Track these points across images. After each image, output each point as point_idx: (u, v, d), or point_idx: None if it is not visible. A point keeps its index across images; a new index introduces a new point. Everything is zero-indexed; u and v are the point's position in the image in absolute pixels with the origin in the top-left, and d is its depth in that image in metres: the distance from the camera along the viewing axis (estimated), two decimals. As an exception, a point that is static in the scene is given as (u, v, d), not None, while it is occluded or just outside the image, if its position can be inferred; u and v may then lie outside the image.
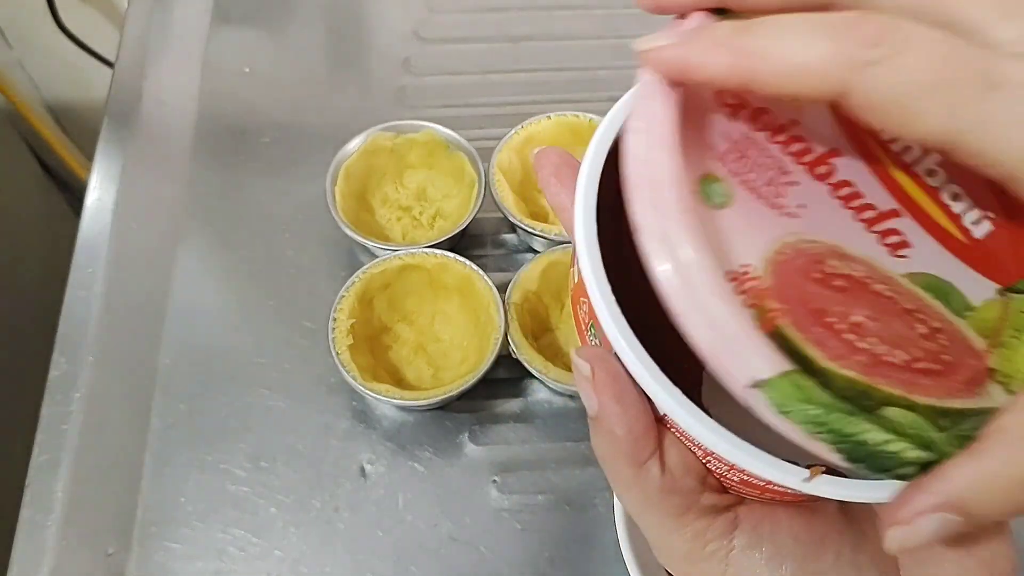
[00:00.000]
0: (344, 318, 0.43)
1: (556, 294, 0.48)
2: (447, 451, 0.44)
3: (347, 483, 0.43)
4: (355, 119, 0.53)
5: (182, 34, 0.61)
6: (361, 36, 0.63)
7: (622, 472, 0.19)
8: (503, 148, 0.50)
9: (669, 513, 0.19)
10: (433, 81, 0.59)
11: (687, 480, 0.19)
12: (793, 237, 0.19)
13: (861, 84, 0.15)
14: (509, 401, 0.46)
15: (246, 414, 0.45)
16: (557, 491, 0.43)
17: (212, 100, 0.58)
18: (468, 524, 0.42)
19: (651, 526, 0.20)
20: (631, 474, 0.19)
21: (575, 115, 0.51)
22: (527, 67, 0.60)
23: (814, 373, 0.17)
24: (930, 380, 0.18)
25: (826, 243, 0.19)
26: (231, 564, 0.41)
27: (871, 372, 0.17)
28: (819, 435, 0.16)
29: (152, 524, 0.42)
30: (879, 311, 0.18)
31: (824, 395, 0.16)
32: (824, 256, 0.19)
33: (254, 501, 0.42)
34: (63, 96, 0.95)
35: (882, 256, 0.20)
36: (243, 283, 0.50)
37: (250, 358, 0.47)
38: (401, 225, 0.51)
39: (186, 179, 0.54)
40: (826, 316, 0.18)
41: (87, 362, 0.46)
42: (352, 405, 0.45)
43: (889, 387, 0.17)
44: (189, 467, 0.43)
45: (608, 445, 0.19)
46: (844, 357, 0.17)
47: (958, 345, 0.19)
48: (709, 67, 0.16)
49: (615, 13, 0.64)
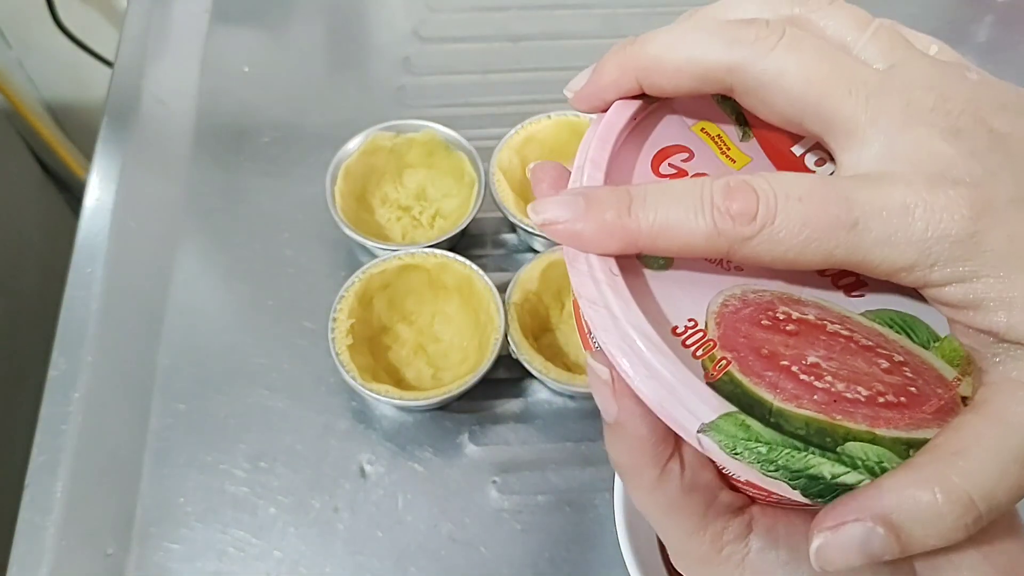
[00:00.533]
0: (344, 318, 0.43)
1: (556, 294, 0.48)
2: (447, 451, 0.44)
3: (347, 483, 0.43)
4: (355, 118, 0.53)
5: (181, 34, 0.61)
6: (361, 35, 0.62)
7: (646, 475, 0.19)
8: (503, 148, 0.50)
9: (692, 512, 0.19)
10: (433, 80, 0.59)
11: (705, 474, 0.20)
12: (739, 289, 0.20)
13: (741, 252, 0.17)
14: (509, 401, 0.46)
15: (245, 414, 0.45)
16: (557, 491, 0.43)
17: (211, 99, 0.58)
18: (468, 524, 0.42)
19: (672, 528, 0.20)
20: (655, 476, 0.19)
21: (575, 114, 0.51)
22: (527, 66, 0.60)
23: (770, 415, 0.17)
24: (895, 413, 0.18)
25: (774, 291, 0.20)
26: (230, 564, 0.41)
27: (829, 410, 0.18)
28: (774, 473, 0.17)
29: (151, 524, 0.42)
30: (836, 351, 0.19)
31: (769, 432, 0.17)
32: (773, 303, 0.19)
33: (253, 501, 0.42)
34: (62, 95, 0.95)
35: (837, 298, 0.20)
36: (242, 283, 0.50)
37: (249, 358, 0.47)
38: (401, 225, 0.51)
39: (185, 179, 0.54)
40: (779, 359, 0.18)
41: (86, 362, 0.46)
42: (352, 405, 0.45)
43: (850, 422, 0.17)
44: (188, 467, 0.43)
45: (630, 450, 0.19)
46: (800, 397, 0.18)
47: (925, 376, 0.19)
48: (603, 248, 0.19)
49: (615, 12, 0.64)
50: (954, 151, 0.17)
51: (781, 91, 0.18)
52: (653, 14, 0.63)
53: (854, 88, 0.18)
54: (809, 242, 0.17)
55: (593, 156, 0.20)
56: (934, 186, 0.17)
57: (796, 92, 0.18)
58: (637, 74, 0.20)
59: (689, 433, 0.17)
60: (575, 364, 0.46)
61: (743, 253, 0.17)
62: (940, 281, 0.17)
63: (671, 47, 0.20)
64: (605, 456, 0.46)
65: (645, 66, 0.20)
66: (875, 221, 0.17)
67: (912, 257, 0.17)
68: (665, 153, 0.22)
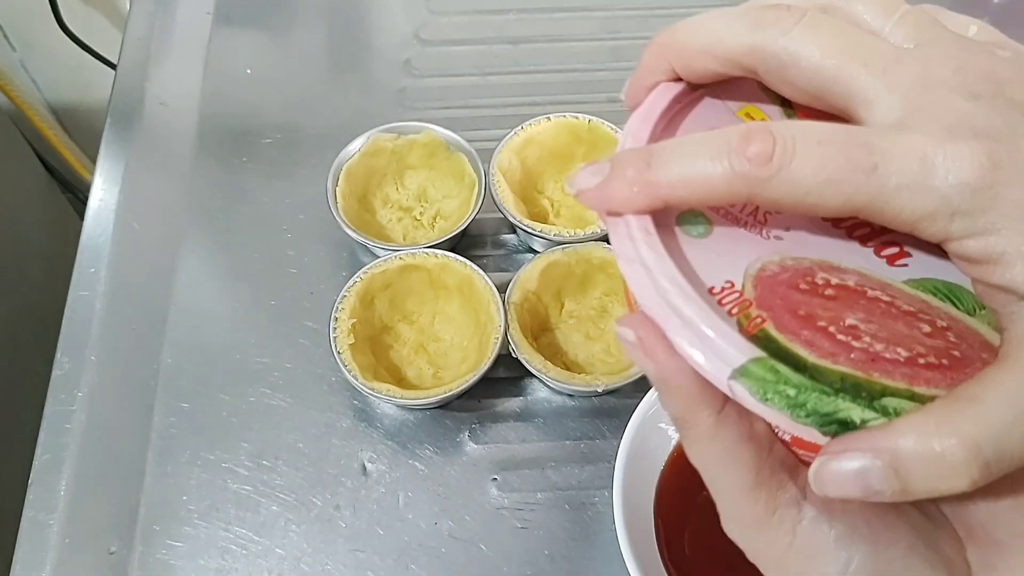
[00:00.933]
0: (345, 318, 0.44)
1: (556, 294, 0.48)
2: (447, 450, 0.44)
3: (348, 481, 0.43)
4: (356, 120, 0.54)
5: (184, 36, 0.61)
6: (362, 38, 0.63)
7: (704, 421, 0.19)
8: (503, 149, 0.50)
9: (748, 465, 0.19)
10: (433, 82, 0.60)
11: (760, 424, 0.19)
12: (777, 255, 0.20)
13: (762, 195, 0.18)
14: (509, 400, 0.46)
15: (248, 413, 0.45)
16: (557, 489, 0.43)
17: (214, 101, 0.58)
18: (468, 522, 0.42)
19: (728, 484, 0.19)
20: (713, 422, 0.19)
21: (574, 116, 0.51)
22: (527, 69, 0.60)
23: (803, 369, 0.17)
24: (936, 373, 0.18)
25: (814, 259, 0.20)
26: (233, 562, 0.41)
27: (868, 367, 0.17)
28: (805, 418, 0.17)
29: (154, 522, 0.42)
30: (875, 314, 0.19)
31: (800, 377, 0.17)
32: (812, 270, 0.19)
33: (256, 499, 0.43)
34: (66, 97, 0.95)
35: (879, 267, 0.20)
36: (245, 283, 0.50)
37: (252, 357, 0.47)
38: (402, 225, 0.51)
39: (188, 180, 0.54)
40: (816, 320, 0.18)
41: (90, 361, 0.46)
42: (353, 404, 0.46)
43: (887, 379, 0.17)
44: (191, 465, 0.43)
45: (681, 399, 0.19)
46: (836, 355, 0.17)
47: (970, 341, 0.19)
48: (631, 205, 0.19)
49: (614, 15, 0.64)
50: (973, 107, 0.17)
51: (800, 69, 0.19)
52: (652, 16, 0.64)
53: (871, 61, 0.18)
54: (828, 184, 0.17)
55: (633, 131, 0.21)
56: (954, 135, 0.17)
57: (814, 68, 0.19)
58: (670, 59, 0.21)
59: (721, 382, 0.17)
60: (574, 363, 0.47)
61: (764, 196, 0.17)
62: (960, 233, 0.17)
63: (696, 31, 0.20)
64: (604, 454, 0.46)
65: (675, 51, 0.21)
66: (895, 165, 0.17)
67: (932, 204, 0.17)
68: None
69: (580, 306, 0.48)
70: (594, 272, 0.47)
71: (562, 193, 0.53)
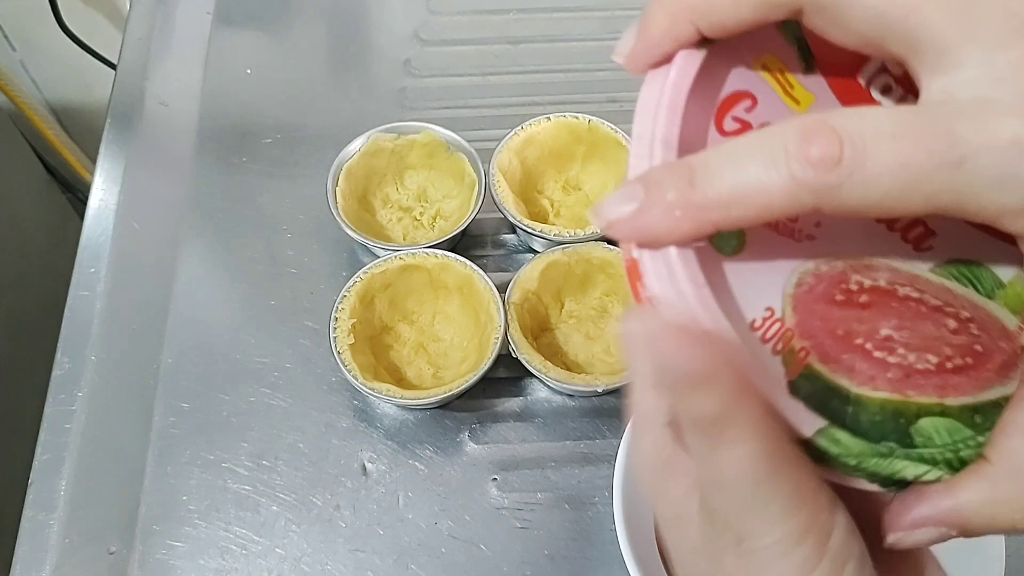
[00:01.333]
0: (345, 318, 0.44)
1: (556, 294, 0.48)
2: (447, 450, 0.44)
3: (348, 481, 0.43)
4: (356, 120, 0.54)
5: (184, 36, 0.61)
6: (362, 38, 0.63)
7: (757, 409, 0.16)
8: (503, 149, 0.50)
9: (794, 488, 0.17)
10: (433, 82, 0.60)
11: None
12: (812, 263, 0.19)
13: (831, 204, 0.15)
14: (509, 400, 0.46)
15: (248, 413, 0.45)
16: (557, 489, 0.43)
17: (214, 101, 0.58)
18: (468, 522, 0.42)
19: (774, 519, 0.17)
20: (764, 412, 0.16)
21: (574, 116, 0.51)
22: (527, 69, 0.60)
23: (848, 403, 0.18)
24: (962, 377, 0.18)
25: (846, 259, 0.20)
26: (233, 562, 0.41)
27: (903, 387, 0.18)
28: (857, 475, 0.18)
29: (154, 522, 0.42)
30: (907, 317, 0.19)
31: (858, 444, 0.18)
32: (846, 274, 0.19)
33: (256, 499, 0.43)
34: (66, 97, 0.95)
35: (907, 254, 0.20)
36: (245, 283, 0.50)
37: (252, 357, 0.47)
38: (402, 225, 0.51)
39: (188, 180, 0.54)
40: (854, 338, 0.19)
41: (90, 361, 0.46)
42: (353, 404, 0.46)
43: (921, 397, 0.18)
44: (191, 465, 0.43)
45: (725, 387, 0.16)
46: (875, 379, 0.18)
47: (990, 331, 0.19)
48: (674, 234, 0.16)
49: (614, 15, 0.64)
50: None
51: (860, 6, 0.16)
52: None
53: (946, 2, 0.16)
54: (909, 185, 0.15)
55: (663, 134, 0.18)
56: None
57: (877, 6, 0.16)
58: (691, 16, 0.18)
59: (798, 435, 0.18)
60: (574, 363, 0.47)
61: (833, 205, 0.15)
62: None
63: None
64: (604, 454, 0.46)
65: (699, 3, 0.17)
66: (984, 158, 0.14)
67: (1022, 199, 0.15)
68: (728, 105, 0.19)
69: (580, 306, 0.48)
70: (594, 272, 0.47)
71: (562, 193, 0.53)
